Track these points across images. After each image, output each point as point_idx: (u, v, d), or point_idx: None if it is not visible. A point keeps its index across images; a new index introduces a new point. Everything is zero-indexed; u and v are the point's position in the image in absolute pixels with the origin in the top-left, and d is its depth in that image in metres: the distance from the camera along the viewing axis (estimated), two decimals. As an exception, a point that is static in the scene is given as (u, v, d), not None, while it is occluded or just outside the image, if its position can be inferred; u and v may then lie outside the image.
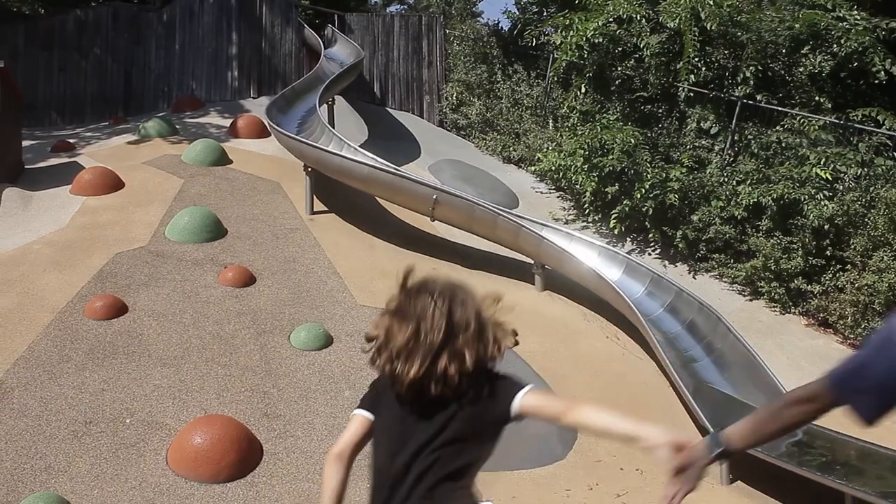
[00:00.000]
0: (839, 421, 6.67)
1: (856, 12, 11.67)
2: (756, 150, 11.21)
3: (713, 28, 11.42)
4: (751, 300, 10.23)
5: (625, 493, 6.19)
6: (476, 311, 2.42)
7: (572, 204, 12.79)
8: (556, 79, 14.62)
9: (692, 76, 11.68)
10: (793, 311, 9.95)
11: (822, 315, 9.66)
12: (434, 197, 9.38)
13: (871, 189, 9.89)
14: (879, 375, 1.82)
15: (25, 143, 12.19)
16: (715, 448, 2.14)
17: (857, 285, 9.28)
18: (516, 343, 2.62)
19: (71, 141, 12.90)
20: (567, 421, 2.37)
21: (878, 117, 10.77)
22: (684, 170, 11.00)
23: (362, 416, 2.56)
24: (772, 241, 10.11)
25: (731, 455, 2.17)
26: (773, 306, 10.04)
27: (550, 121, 14.66)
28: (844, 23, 11.43)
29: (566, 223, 11.98)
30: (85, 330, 7.33)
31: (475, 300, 2.45)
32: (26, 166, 11.38)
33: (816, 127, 10.82)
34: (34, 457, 5.90)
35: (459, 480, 2.38)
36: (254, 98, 15.63)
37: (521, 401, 2.40)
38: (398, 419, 2.40)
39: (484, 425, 2.38)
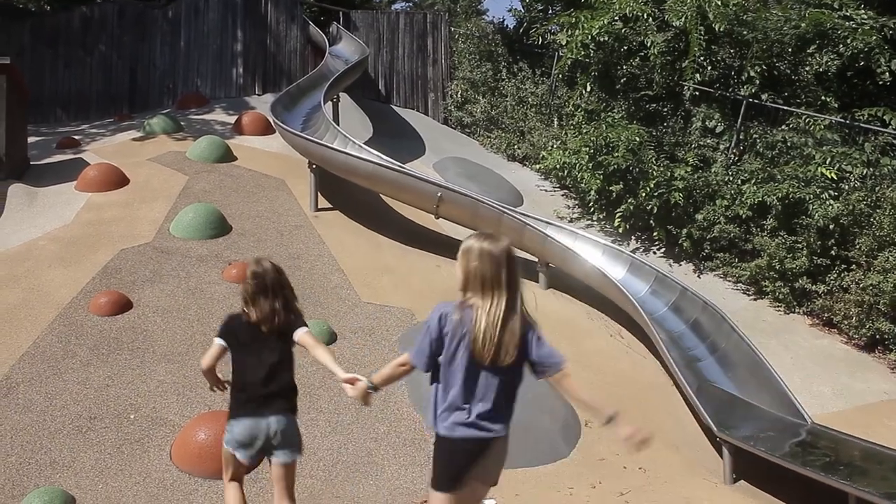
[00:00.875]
0: (845, 422, 6.65)
1: (862, 11, 11.63)
2: (761, 150, 11.18)
3: (720, 28, 11.39)
4: (755, 300, 10.21)
5: (627, 492, 6.18)
6: (288, 283, 4.28)
7: (577, 202, 12.78)
8: (561, 77, 14.62)
9: (697, 75, 11.65)
10: (797, 310, 9.93)
11: (826, 315, 9.64)
12: (438, 194, 9.39)
13: (877, 189, 9.87)
14: (423, 346, 3.50)
15: (31, 139, 12.22)
16: (369, 383, 3.79)
17: (861, 285, 9.26)
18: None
19: (76, 137, 12.93)
20: (311, 354, 4.29)
21: (885, 117, 10.74)
22: (689, 169, 10.99)
23: (220, 344, 4.36)
24: (776, 240, 10.09)
25: (376, 388, 3.79)
26: (778, 306, 10.03)
27: (555, 119, 14.65)
28: (851, 22, 11.39)
29: (571, 221, 11.97)
30: (89, 326, 7.35)
31: (286, 277, 4.29)
32: (32, 163, 11.41)
33: (822, 126, 10.79)
34: (39, 451, 5.92)
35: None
36: (258, 95, 15.64)
37: (298, 334, 4.24)
38: (253, 345, 4.23)
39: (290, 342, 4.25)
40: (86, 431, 6.17)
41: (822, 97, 11.35)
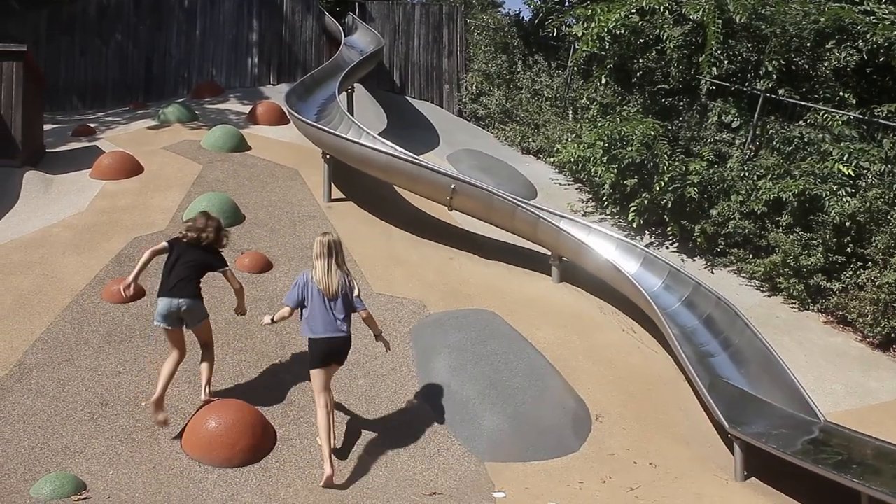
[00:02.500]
0: (858, 421, 6.59)
1: (884, 6, 11.48)
2: (778, 145, 11.08)
3: (742, 20, 11.28)
4: (769, 296, 10.14)
5: (638, 487, 6.16)
6: (220, 225, 6.42)
7: (591, 196, 12.72)
8: (576, 70, 14.53)
9: (714, 69, 11.55)
10: (811, 308, 9.85)
11: (841, 313, 9.56)
12: (452, 186, 9.36)
13: (895, 186, 9.76)
14: (293, 294, 5.96)
15: (47, 126, 12.28)
16: (270, 320, 6.14)
17: (878, 283, 9.17)
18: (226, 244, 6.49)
19: (91, 125, 12.98)
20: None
21: (904, 113, 10.62)
22: (704, 163, 10.90)
23: (164, 245, 6.37)
24: (792, 236, 10.00)
25: (273, 321, 6.08)
26: (792, 303, 9.95)
27: (570, 112, 14.57)
28: (871, 17, 11.25)
29: (584, 215, 11.91)
30: (102, 313, 7.39)
31: (221, 222, 6.51)
32: (47, 150, 11.46)
33: (840, 122, 10.67)
34: (51, 437, 5.96)
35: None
36: (273, 85, 15.66)
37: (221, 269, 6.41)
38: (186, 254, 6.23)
39: (210, 264, 6.34)
40: (97, 418, 6.20)
41: (841, 93, 11.22)
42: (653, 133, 10.99)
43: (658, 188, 10.81)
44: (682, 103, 12.16)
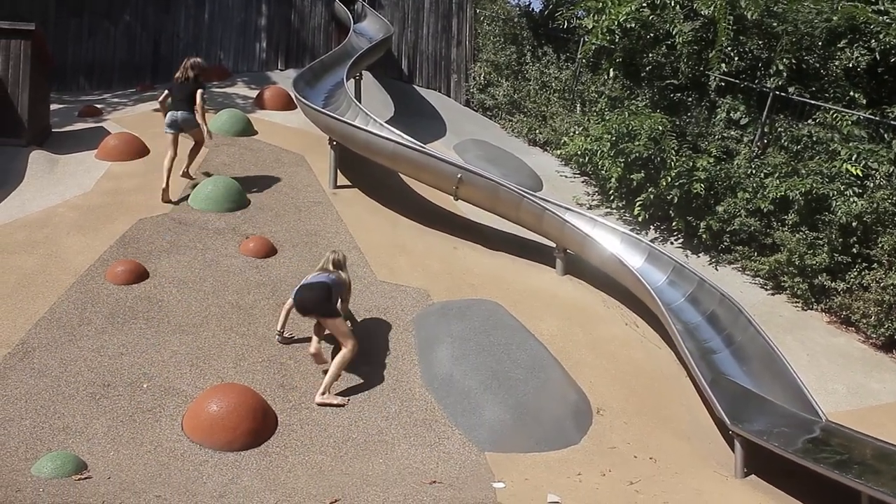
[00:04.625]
0: (859, 421, 6.58)
1: (898, 5, 11.42)
2: (786, 143, 11.04)
3: (754, 17, 11.22)
4: (773, 294, 10.12)
5: (637, 481, 6.16)
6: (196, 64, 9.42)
7: (597, 189, 12.70)
8: (585, 62, 14.48)
9: (724, 65, 11.51)
10: (815, 307, 9.84)
11: (844, 313, 9.54)
12: (458, 176, 9.33)
13: (903, 187, 9.73)
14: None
15: (53, 107, 12.24)
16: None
17: (882, 284, 9.15)
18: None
19: (98, 106, 12.95)
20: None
21: (915, 115, 10.57)
22: (712, 160, 10.87)
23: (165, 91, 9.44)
24: (797, 235, 9.98)
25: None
26: (796, 302, 9.94)
27: (578, 105, 14.53)
28: (886, 16, 11.18)
29: (590, 208, 11.89)
30: (106, 294, 7.38)
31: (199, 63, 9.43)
32: (53, 130, 11.44)
33: (849, 122, 10.62)
34: (53, 416, 5.97)
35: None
36: (281, 70, 15.61)
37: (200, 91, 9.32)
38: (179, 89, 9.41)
39: (192, 91, 9.25)
40: (99, 398, 6.21)
41: (851, 93, 11.17)
42: (660, 128, 10.96)
43: (664, 183, 10.79)
44: (690, 99, 12.13)
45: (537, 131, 14.67)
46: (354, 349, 6.76)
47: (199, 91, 9.23)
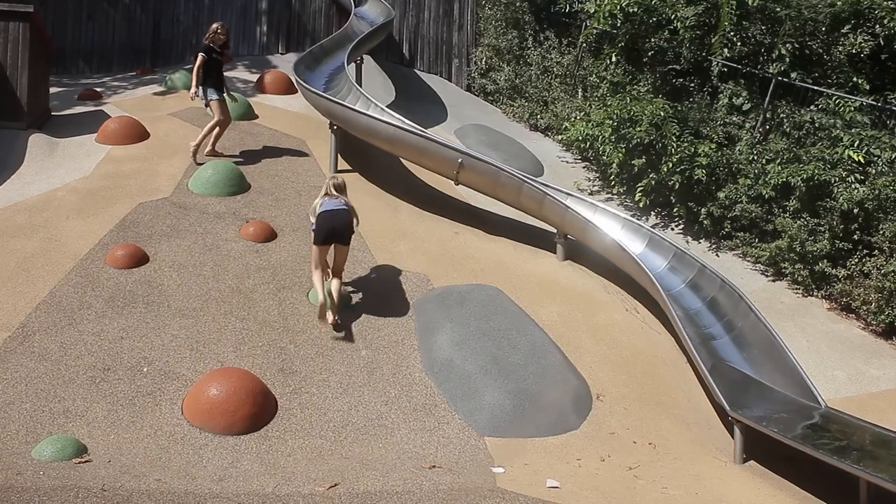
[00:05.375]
0: (858, 408, 6.57)
1: (902, -9, 11.33)
2: (788, 130, 10.98)
3: (757, 3, 11.14)
4: (773, 281, 10.11)
5: (636, 467, 6.18)
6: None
7: (598, 175, 12.66)
8: (587, 47, 14.40)
9: (726, 51, 11.44)
10: (815, 294, 9.83)
11: (845, 300, 9.53)
12: (459, 161, 9.31)
13: (905, 174, 9.69)
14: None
15: (53, 90, 12.20)
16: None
17: (883, 271, 9.13)
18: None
19: (98, 90, 12.90)
20: None
21: (919, 101, 10.52)
22: (713, 146, 10.82)
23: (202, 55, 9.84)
24: (798, 222, 9.95)
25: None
26: (796, 288, 9.92)
27: (580, 90, 14.46)
28: (890, 1, 11.10)
29: (591, 194, 11.86)
30: (106, 278, 7.38)
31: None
32: (53, 113, 11.40)
33: (852, 108, 10.56)
34: (53, 400, 5.97)
35: None
36: (282, 54, 15.53)
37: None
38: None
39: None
40: (99, 382, 6.21)
41: (854, 79, 11.10)
42: (662, 114, 10.90)
43: (666, 169, 10.75)
44: (692, 84, 12.06)
45: (539, 116, 14.61)
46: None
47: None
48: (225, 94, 10.01)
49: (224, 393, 6.01)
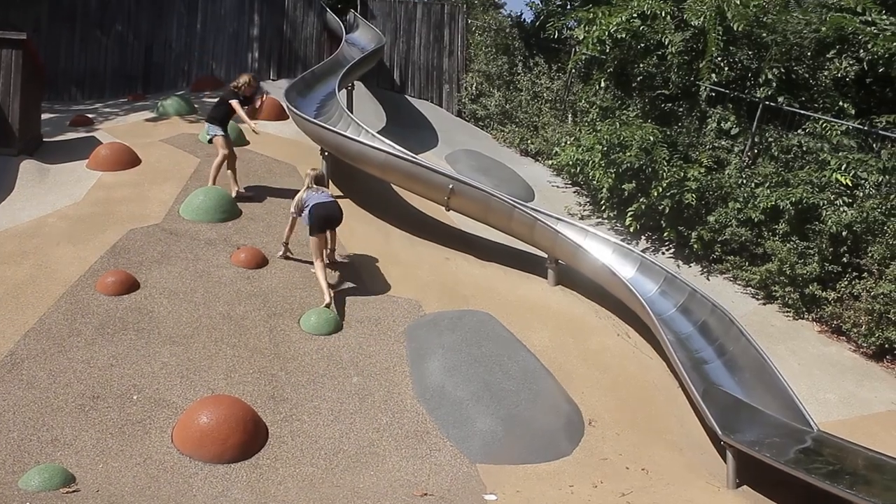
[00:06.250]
0: (851, 431, 6.56)
1: (886, 16, 11.48)
2: (776, 153, 11.08)
3: (739, 29, 11.28)
4: (764, 304, 10.14)
5: (629, 493, 6.15)
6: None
7: (588, 199, 12.72)
8: (576, 73, 14.52)
9: (714, 75, 11.56)
10: (806, 316, 9.86)
11: (835, 322, 9.56)
12: (450, 186, 9.34)
13: (892, 196, 9.76)
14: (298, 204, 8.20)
15: (45, 116, 12.22)
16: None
17: (872, 294, 9.18)
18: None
19: (89, 116, 12.93)
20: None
21: (903, 124, 10.63)
22: (703, 170, 10.90)
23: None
24: (788, 245, 10.01)
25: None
26: (787, 311, 9.96)
27: (570, 115, 14.57)
28: (873, 27, 11.25)
29: (581, 218, 11.91)
30: (96, 305, 7.35)
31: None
32: (44, 139, 11.41)
33: (839, 132, 10.67)
34: (41, 428, 5.92)
35: None
36: (273, 80, 15.61)
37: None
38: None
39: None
40: (88, 410, 6.17)
41: (840, 102, 11.23)
42: (651, 138, 10.99)
43: (656, 193, 10.81)
44: (681, 109, 12.17)
45: (529, 141, 14.70)
46: None
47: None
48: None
49: (214, 421, 5.97)
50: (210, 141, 9.78)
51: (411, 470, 6.16)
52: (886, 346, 9.03)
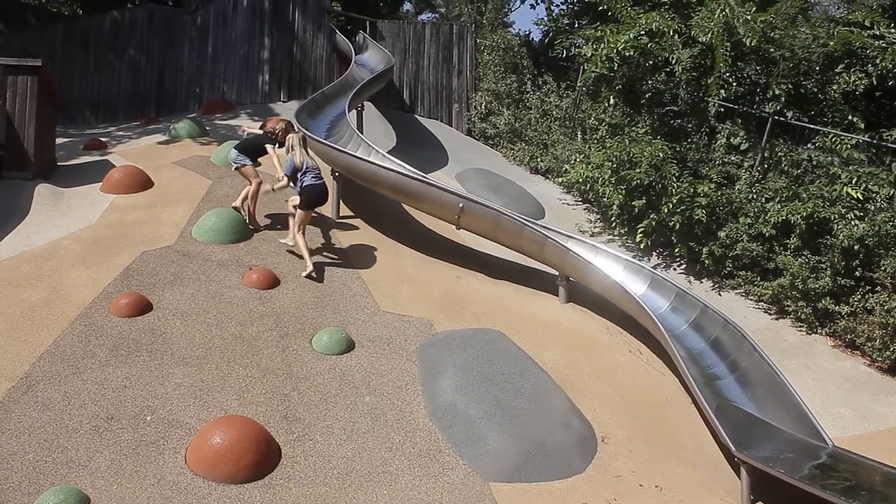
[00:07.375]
0: (866, 446, 6.52)
1: (894, 30, 11.50)
2: (786, 168, 11.09)
3: (750, 44, 11.32)
4: (777, 319, 10.11)
5: (643, 510, 6.12)
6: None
7: (599, 216, 12.74)
8: (585, 90, 14.59)
9: (722, 91, 11.59)
10: (819, 331, 9.82)
11: (849, 336, 9.52)
12: (460, 205, 9.38)
13: (904, 210, 9.75)
14: (289, 167, 8.85)
15: (59, 140, 12.36)
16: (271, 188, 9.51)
17: (886, 307, 9.14)
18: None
19: (103, 139, 13.07)
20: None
21: (913, 138, 10.62)
22: (713, 185, 10.91)
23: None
24: (800, 259, 9.99)
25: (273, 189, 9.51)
26: (800, 326, 9.92)
27: (579, 132, 14.62)
28: (881, 41, 11.27)
29: (592, 236, 11.92)
30: (110, 326, 7.40)
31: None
32: (59, 163, 11.54)
33: (849, 146, 10.67)
34: (56, 450, 5.96)
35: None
36: (283, 102, 15.75)
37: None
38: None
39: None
40: (102, 431, 6.20)
41: (850, 116, 11.23)
42: (661, 155, 11.01)
43: (666, 210, 10.82)
44: (690, 125, 12.20)
45: (539, 159, 14.76)
46: None
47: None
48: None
49: (228, 441, 5.99)
50: (237, 169, 9.83)
51: (424, 489, 6.16)
52: (901, 360, 8.98)
